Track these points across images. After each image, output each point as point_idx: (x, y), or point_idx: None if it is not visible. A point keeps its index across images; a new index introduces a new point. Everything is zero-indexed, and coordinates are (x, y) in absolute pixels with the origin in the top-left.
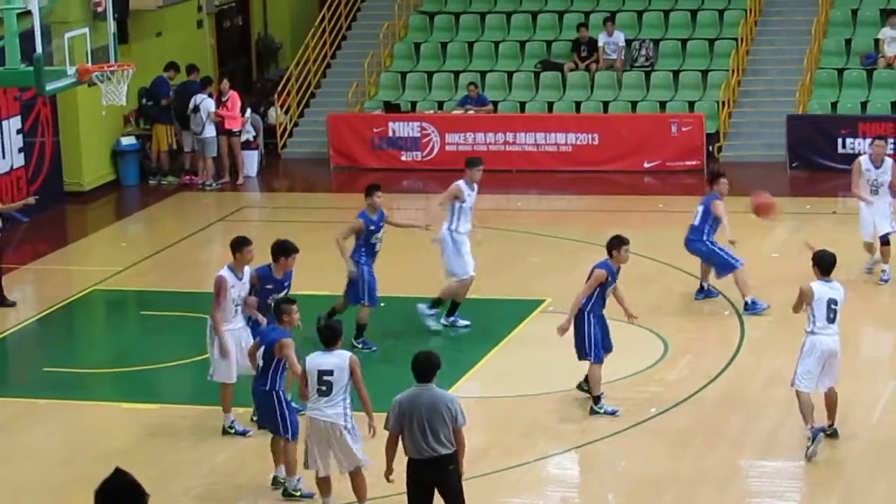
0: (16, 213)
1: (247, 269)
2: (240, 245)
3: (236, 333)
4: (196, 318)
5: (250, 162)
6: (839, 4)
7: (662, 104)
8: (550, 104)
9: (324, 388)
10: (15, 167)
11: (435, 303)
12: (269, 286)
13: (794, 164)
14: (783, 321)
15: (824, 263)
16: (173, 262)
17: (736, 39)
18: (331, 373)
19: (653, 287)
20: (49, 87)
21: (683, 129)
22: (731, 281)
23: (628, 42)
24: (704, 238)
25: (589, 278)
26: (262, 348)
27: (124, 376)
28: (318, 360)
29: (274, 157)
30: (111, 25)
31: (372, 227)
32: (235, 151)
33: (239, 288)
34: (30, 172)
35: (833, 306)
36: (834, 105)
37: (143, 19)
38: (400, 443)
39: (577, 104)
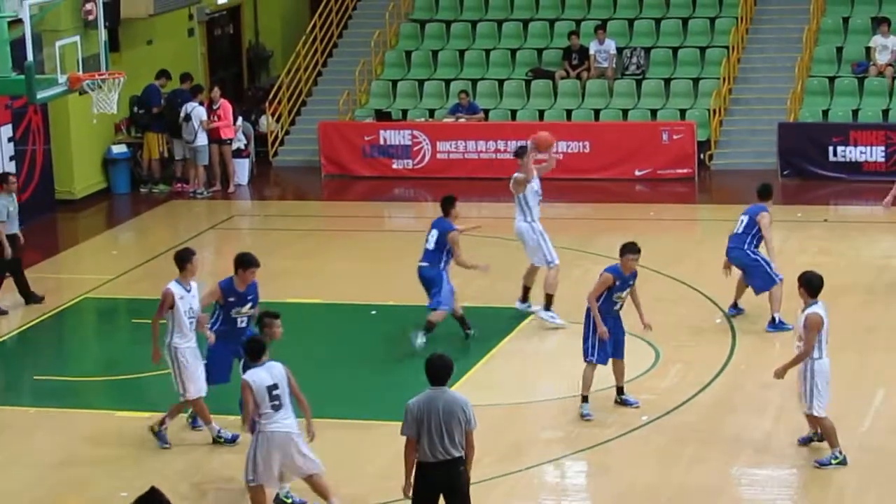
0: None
1: (194, 283)
2: (186, 258)
3: (195, 350)
4: None
5: (241, 170)
6: (830, 13)
7: (654, 112)
8: (541, 112)
9: (276, 402)
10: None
11: (548, 301)
12: (232, 299)
13: (785, 172)
14: (775, 331)
15: (813, 286)
16: (164, 271)
17: (727, 47)
18: (276, 386)
19: (643, 295)
20: (40, 95)
21: (675, 137)
22: (723, 290)
23: (619, 50)
24: (746, 247)
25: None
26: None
27: (116, 384)
28: (261, 376)
29: (265, 165)
30: (102, 34)
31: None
32: (227, 160)
33: (188, 300)
34: (21, 180)
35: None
36: (825, 113)
37: (134, 27)
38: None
39: (568, 112)
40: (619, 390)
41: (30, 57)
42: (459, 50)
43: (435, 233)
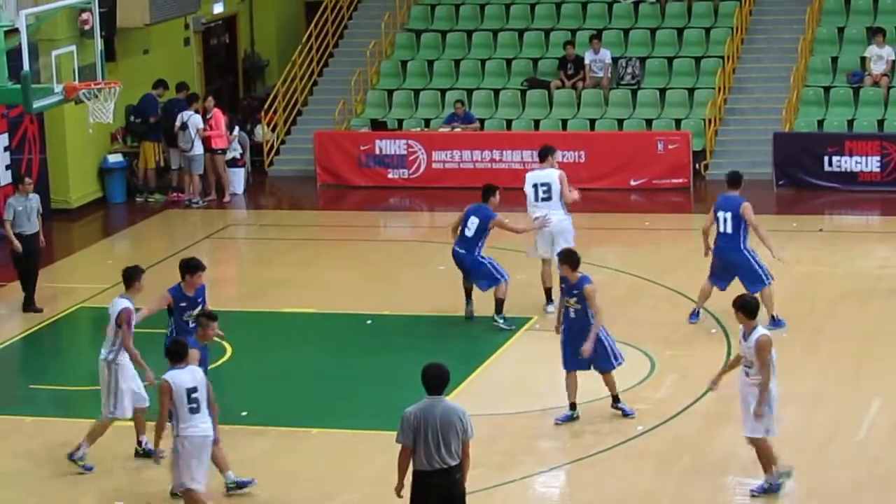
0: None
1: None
2: (135, 276)
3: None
4: None
5: (237, 179)
6: (825, 22)
7: (649, 122)
8: (537, 122)
9: (194, 405)
10: (2, 184)
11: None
12: (183, 304)
13: (780, 182)
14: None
15: (752, 308)
16: (160, 280)
17: (722, 57)
18: (196, 389)
19: (639, 304)
20: (36, 104)
21: (670, 146)
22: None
23: (615, 60)
24: (741, 248)
25: (587, 297)
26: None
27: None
28: (181, 378)
29: (261, 174)
30: (98, 43)
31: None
32: (220, 169)
33: (136, 317)
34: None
35: None
36: (820, 123)
37: (130, 37)
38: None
39: (564, 122)
40: (615, 399)
41: (26, 66)
42: (455, 60)
43: (475, 220)
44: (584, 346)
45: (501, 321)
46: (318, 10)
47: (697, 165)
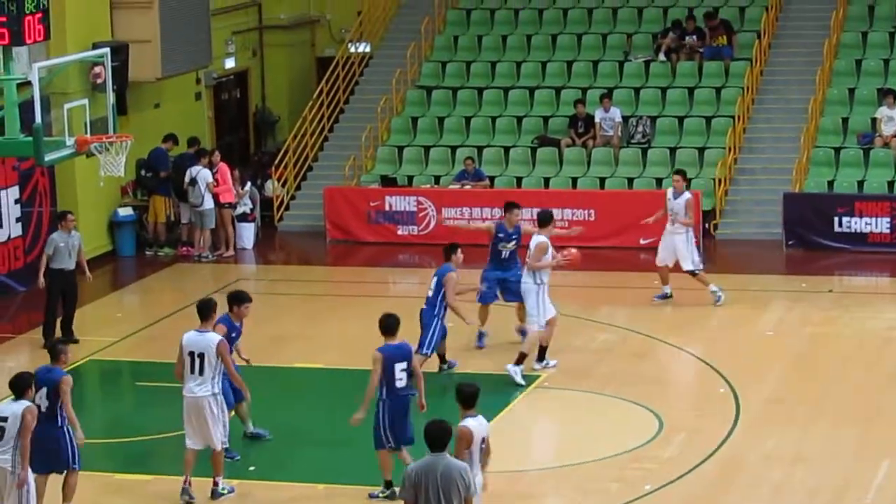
0: (11, 282)
1: None
2: (213, 308)
3: None
4: None
5: (247, 234)
6: (836, 83)
7: (659, 181)
8: (547, 180)
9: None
10: (12, 236)
11: (520, 359)
12: (234, 334)
13: (790, 242)
14: (778, 401)
15: (465, 395)
16: (169, 334)
17: (733, 117)
18: (5, 419)
19: (647, 363)
20: (48, 157)
21: None
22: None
23: (625, 118)
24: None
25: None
26: (45, 389)
27: (119, 447)
28: (1, 406)
29: (270, 229)
30: (110, 97)
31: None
32: (225, 223)
33: None
34: (27, 242)
35: (482, 445)
36: (830, 184)
37: (142, 91)
38: None
39: (574, 180)
40: None
41: (38, 119)
42: (466, 117)
43: (435, 279)
44: None
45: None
46: (329, 65)
47: (707, 225)
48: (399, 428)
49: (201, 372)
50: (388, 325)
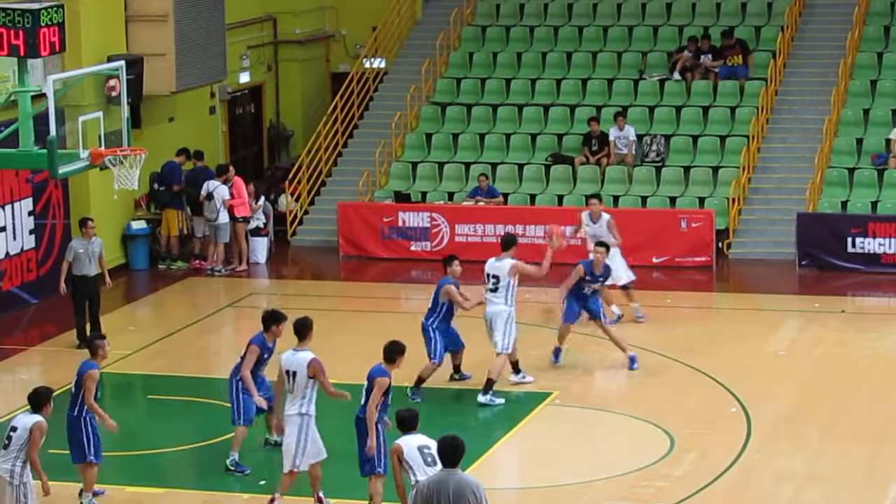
0: (24, 294)
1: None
2: (311, 327)
3: None
4: (204, 403)
5: (260, 249)
6: (851, 104)
7: (672, 200)
8: (560, 197)
9: (6, 441)
10: (25, 248)
11: (488, 386)
12: (266, 355)
13: (803, 263)
14: (790, 421)
15: (406, 421)
16: (181, 347)
17: (747, 137)
18: (15, 430)
19: (660, 382)
20: (62, 170)
21: (693, 225)
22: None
23: (639, 137)
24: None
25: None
26: (76, 378)
27: (130, 460)
28: (18, 417)
29: (283, 244)
30: (125, 110)
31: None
32: (239, 237)
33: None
34: (40, 254)
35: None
36: (844, 204)
37: (156, 104)
38: None
39: (587, 198)
40: None
41: (52, 131)
42: (480, 133)
43: (434, 290)
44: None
45: (411, 394)
46: (343, 81)
47: (720, 244)
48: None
49: (291, 389)
50: (387, 351)
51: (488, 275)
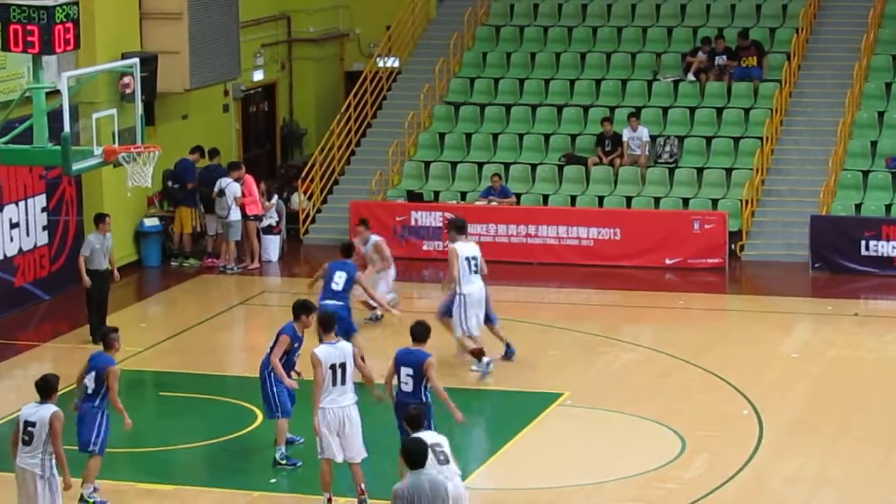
0: (37, 290)
1: None
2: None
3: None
4: (214, 400)
5: (272, 247)
6: (865, 107)
7: (685, 201)
8: (573, 198)
9: (27, 437)
10: (39, 245)
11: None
12: (297, 344)
13: (816, 265)
14: (802, 424)
15: (416, 419)
16: (193, 345)
17: (761, 138)
18: (33, 424)
19: (671, 383)
20: (75, 166)
21: (706, 226)
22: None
23: (653, 138)
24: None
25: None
26: (94, 372)
27: (141, 457)
28: (27, 411)
29: (296, 242)
30: (139, 107)
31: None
32: (250, 235)
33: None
34: (53, 251)
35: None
36: (858, 207)
37: (170, 102)
38: None
39: (600, 199)
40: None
41: (66, 128)
42: (493, 133)
43: (343, 274)
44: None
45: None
46: (357, 80)
47: (733, 246)
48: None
49: (343, 381)
50: (414, 331)
51: (468, 258)
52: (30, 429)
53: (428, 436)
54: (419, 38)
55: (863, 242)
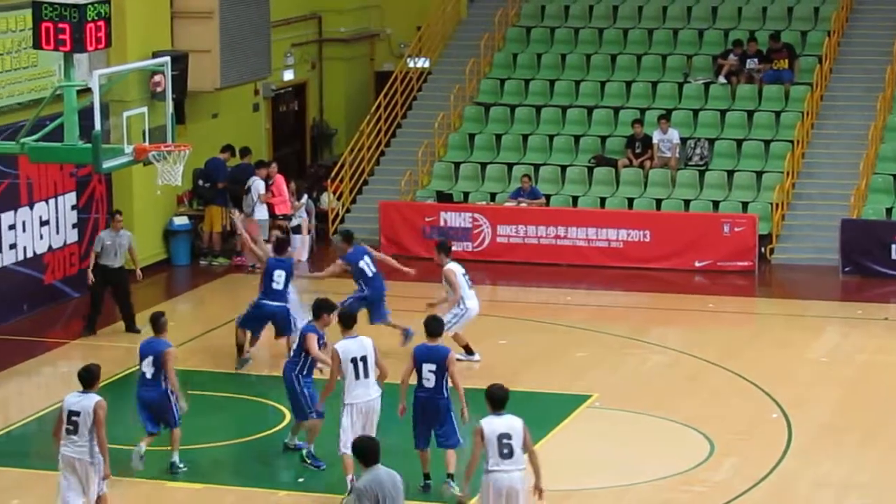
0: (66, 288)
1: None
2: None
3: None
4: (242, 399)
5: (301, 246)
6: None
7: (716, 203)
8: (603, 199)
9: (71, 427)
10: (68, 242)
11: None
12: (322, 341)
13: (846, 269)
14: (831, 428)
15: (495, 398)
16: (221, 344)
17: (792, 142)
18: (77, 414)
19: (700, 387)
20: (106, 164)
21: (736, 229)
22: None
23: (683, 140)
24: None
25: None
26: (151, 357)
27: (168, 455)
28: (71, 400)
29: (325, 242)
30: (169, 105)
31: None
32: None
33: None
34: (82, 248)
35: (506, 440)
36: (889, 211)
37: (200, 101)
38: None
39: (630, 200)
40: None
41: (97, 126)
42: (523, 134)
43: (282, 273)
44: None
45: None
46: (387, 80)
47: (763, 249)
48: (419, 428)
49: (367, 374)
50: (429, 327)
51: (463, 274)
52: (74, 418)
53: (503, 422)
54: (449, 38)
55: (893, 246)
